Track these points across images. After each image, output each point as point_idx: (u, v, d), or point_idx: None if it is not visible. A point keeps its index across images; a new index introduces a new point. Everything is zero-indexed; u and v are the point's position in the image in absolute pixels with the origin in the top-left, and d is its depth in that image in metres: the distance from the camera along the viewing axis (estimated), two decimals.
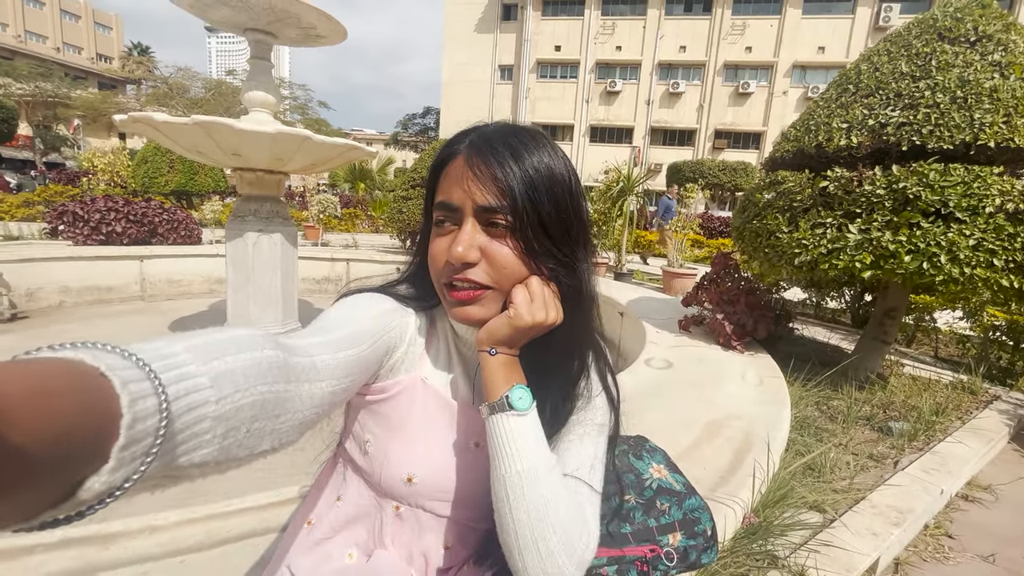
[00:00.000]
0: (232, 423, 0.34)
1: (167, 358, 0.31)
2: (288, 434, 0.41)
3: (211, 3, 2.52)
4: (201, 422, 0.31)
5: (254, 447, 0.37)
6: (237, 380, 0.34)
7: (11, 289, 3.77)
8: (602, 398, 0.65)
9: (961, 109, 2.22)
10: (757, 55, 27.83)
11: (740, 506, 1.32)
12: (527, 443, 0.54)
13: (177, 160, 11.72)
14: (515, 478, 0.52)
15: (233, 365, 0.34)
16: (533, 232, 0.55)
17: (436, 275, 0.59)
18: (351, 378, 0.50)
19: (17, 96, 26.73)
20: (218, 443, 0.33)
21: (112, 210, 5.14)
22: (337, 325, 0.54)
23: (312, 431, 0.54)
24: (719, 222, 12.39)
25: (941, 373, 3.43)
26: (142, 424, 0.27)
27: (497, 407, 0.55)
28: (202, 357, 0.33)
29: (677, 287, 5.75)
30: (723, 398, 2.09)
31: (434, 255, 0.58)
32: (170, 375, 0.30)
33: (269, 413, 0.37)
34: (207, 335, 0.35)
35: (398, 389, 0.62)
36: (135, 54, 45.13)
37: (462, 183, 0.56)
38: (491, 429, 0.55)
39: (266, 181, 2.99)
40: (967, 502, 1.92)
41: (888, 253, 2.24)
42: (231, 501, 1.05)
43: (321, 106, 36.94)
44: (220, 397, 0.32)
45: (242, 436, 0.35)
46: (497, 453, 0.54)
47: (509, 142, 0.56)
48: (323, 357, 0.47)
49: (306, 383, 0.42)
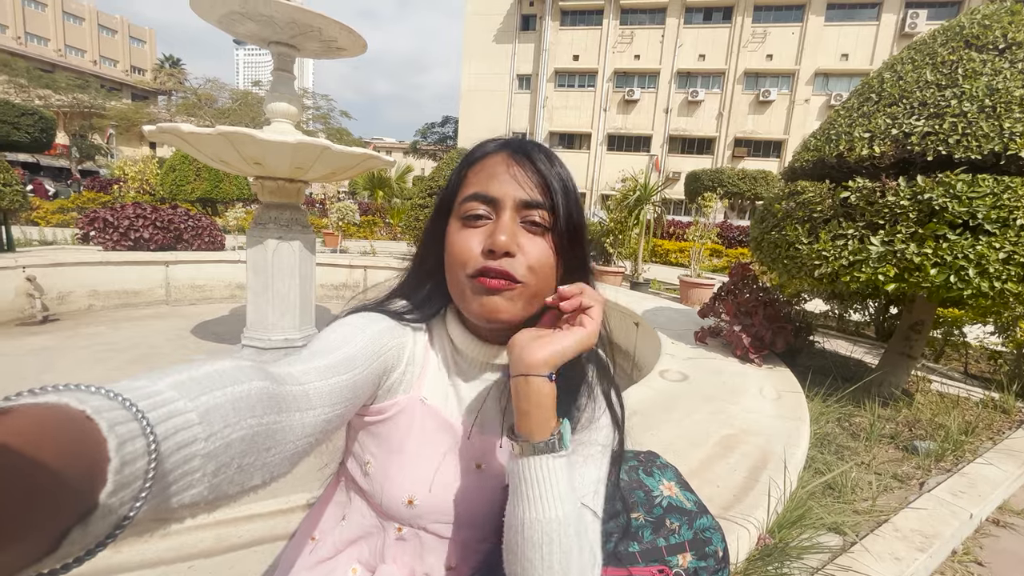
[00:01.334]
0: (222, 460, 0.32)
1: (153, 396, 0.29)
2: (280, 467, 0.39)
3: (238, 18, 2.60)
4: (191, 460, 0.30)
5: (245, 483, 0.36)
6: (226, 415, 0.33)
7: (44, 292, 3.92)
8: (606, 417, 0.63)
9: (990, 118, 2.15)
10: (778, 63, 27.48)
11: (755, 526, 1.28)
12: (567, 486, 0.51)
13: (203, 169, 12.07)
14: (553, 524, 0.49)
15: (221, 399, 0.33)
16: (567, 233, 0.57)
17: (461, 269, 0.56)
18: (346, 403, 0.49)
19: (56, 107, 27.95)
20: (208, 481, 0.32)
21: (140, 216, 5.32)
22: (331, 349, 0.52)
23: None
24: (738, 231, 12.21)
25: (971, 390, 3.30)
26: (131, 467, 0.26)
27: (545, 448, 0.50)
28: (189, 393, 0.32)
29: (694, 297, 5.67)
30: (739, 413, 2.05)
31: (462, 249, 0.56)
32: (157, 413, 0.29)
33: (260, 447, 0.36)
34: (192, 370, 0.34)
35: (396, 410, 0.61)
36: (167, 66, 46.90)
37: (502, 177, 0.57)
38: (530, 471, 0.50)
39: (286, 189, 3.06)
40: (998, 527, 1.83)
41: (913, 266, 2.17)
42: (240, 508, 1.06)
43: (343, 116, 37.78)
44: (210, 434, 0.31)
45: (233, 472, 0.34)
46: (535, 496, 0.50)
47: (542, 147, 0.60)
48: (315, 384, 0.45)
49: (297, 412, 0.41)
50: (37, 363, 3.13)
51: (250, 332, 3.11)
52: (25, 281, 3.88)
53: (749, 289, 3.24)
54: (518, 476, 0.51)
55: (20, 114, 12.53)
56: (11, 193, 4.61)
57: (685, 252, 10.08)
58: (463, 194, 0.58)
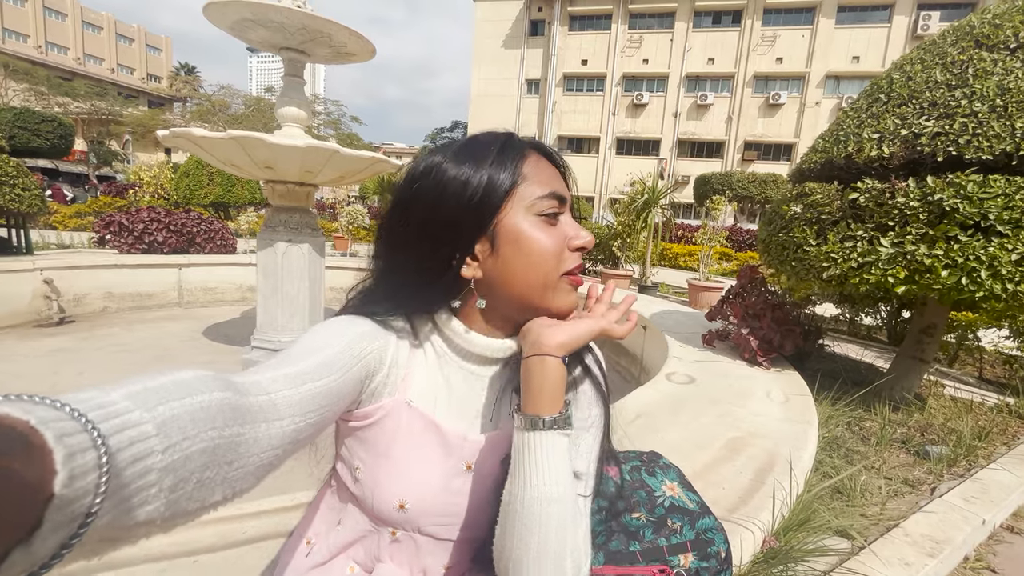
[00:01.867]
0: (181, 474, 0.31)
1: (105, 407, 0.28)
2: (243, 481, 0.38)
3: (249, 24, 2.65)
4: (146, 475, 0.28)
5: (205, 499, 0.34)
6: (184, 426, 0.31)
7: (60, 294, 4.01)
8: (589, 390, 0.65)
9: (1001, 118, 2.12)
10: (788, 66, 27.31)
11: (760, 528, 1.27)
12: (567, 464, 0.53)
13: (216, 174, 12.28)
14: (548, 500, 0.51)
15: (179, 410, 0.32)
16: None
17: (554, 267, 0.58)
18: (321, 410, 0.48)
19: (75, 114, 28.60)
20: (165, 497, 0.30)
21: (154, 220, 5.42)
22: (305, 354, 0.50)
23: (326, 432, 0.55)
24: (748, 235, 12.13)
25: (985, 395, 3.23)
26: (80, 481, 0.24)
27: (554, 423, 0.53)
28: (145, 403, 0.30)
29: (703, 301, 5.63)
30: (746, 416, 2.03)
31: (553, 246, 0.58)
32: (110, 424, 0.27)
33: (221, 460, 0.34)
34: (148, 380, 0.32)
35: (382, 414, 0.60)
36: (182, 73, 47.77)
37: (554, 175, 0.61)
38: (534, 444, 0.53)
39: (296, 193, 3.10)
40: (1012, 534, 1.79)
41: (923, 267, 2.15)
42: (245, 504, 1.07)
43: (353, 121, 38.19)
44: (167, 446, 0.30)
45: (192, 488, 0.32)
46: (534, 470, 0.52)
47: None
48: (284, 393, 0.44)
49: (263, 423, 0.39)
50: (52, 364, 3.20)
51: (260, 334, 3.15)
52: (42, 283, 3.96)
53: (757, 292, 3.22)
54: (522, 450, 0.53)
55: (40, 121, 12.87)
56: (30, 198, 4.72)
57: (694, 256, 10.02)
58: (533, 191, 0.58)
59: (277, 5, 2.50)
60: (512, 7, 31.52)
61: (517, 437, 0.54)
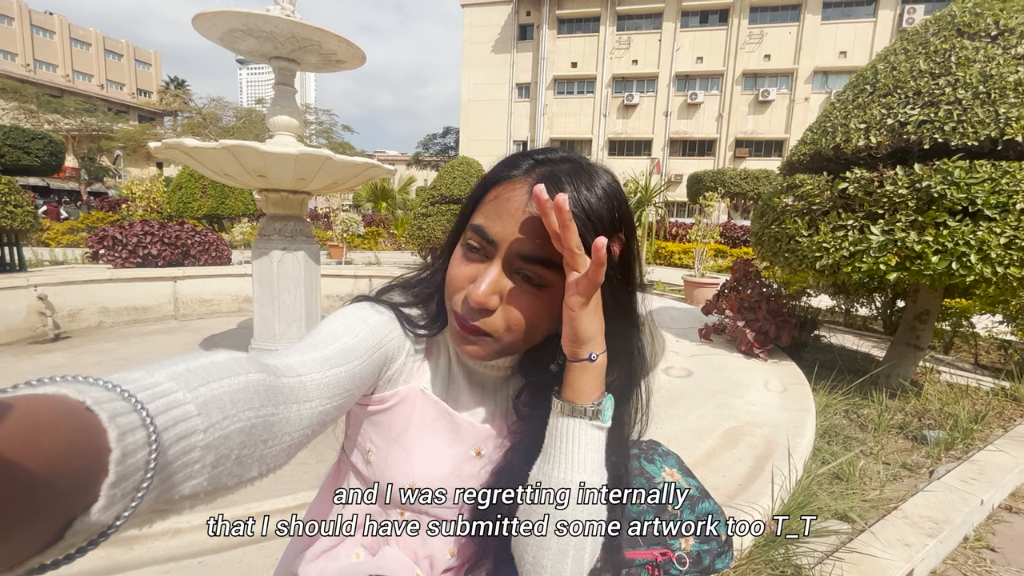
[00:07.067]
0: (221, 451, 0.32)
1: (151, 387, 0.29)
2: (276, 459, 0.39)
3: (239, 35, 2.66)
4: (191, 452, 0.30)
5: (243, 475, 0.35)
6: (224, 406, 0.33)
7: (55, 311, 3.99)
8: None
9: (985, 104, 2.16)
10: (776, 63, 27.55)
11: (760, 513, 1.28)
12: (599, 458, 0.53)
13: (209, 186, 12.26)
14: (579, 489, 0.51)
15: (219, 391, 0.33)
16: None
17: (449, 300, 0.57)
18: (345, 395, 0.49)
19: (65, 131, 28.52)
20: (208, 472, 0.32)
21: (148, 234, 5.40)
22: (330, 339, 0.52)
23: (326, 433, 0.56)
24: (742, 231, 12.18)
25: (981, 380, 3.26)
26: (132, 458, 0.25)
27: (585, 412, 0.53)
28: (187, 384, 0.31)
29: (699, 297, 5.66)
30: (744, 406, 2.05)
31: (452, 280, 0.57)
32: (157, 404, 0.29)
33: (257, 439, 0.36)
34: (189, 361, 0.34)
35: (397, 400, 0.62)
36: (172, 87, 47.74)
37: (514, 214, 0.54)
38: (564, 429, 0.53)
39: (290, 201, 3.11)
40: (1011, 513, 1.81)
41: (914, 254, 2.17)
42: (250, 504, 1.08)
43: (345, 130, 38.25)
44: (208, 425, 0.31)
45: (231, 464, 0.34)
46: (564, 457, 0.52)
47: (582, 174, 0.53)
48: (313, 376, 0.45)
49: (295, 404, 0.41)
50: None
51: (257, 343, 3.15)
52: (37, 300, 3.95)
53: (752, 284, 3.24)
54: (552, 434, 0.54)
55: (30, 139, 12.80)
56: (23, 215, 4.71)
57: (689, 253, 10.06)
58: (473, 218, 0.55)
59: (266, 15, 2.51)
60: (500, 12, 31.68)
61: (552, 418, 0.55)
